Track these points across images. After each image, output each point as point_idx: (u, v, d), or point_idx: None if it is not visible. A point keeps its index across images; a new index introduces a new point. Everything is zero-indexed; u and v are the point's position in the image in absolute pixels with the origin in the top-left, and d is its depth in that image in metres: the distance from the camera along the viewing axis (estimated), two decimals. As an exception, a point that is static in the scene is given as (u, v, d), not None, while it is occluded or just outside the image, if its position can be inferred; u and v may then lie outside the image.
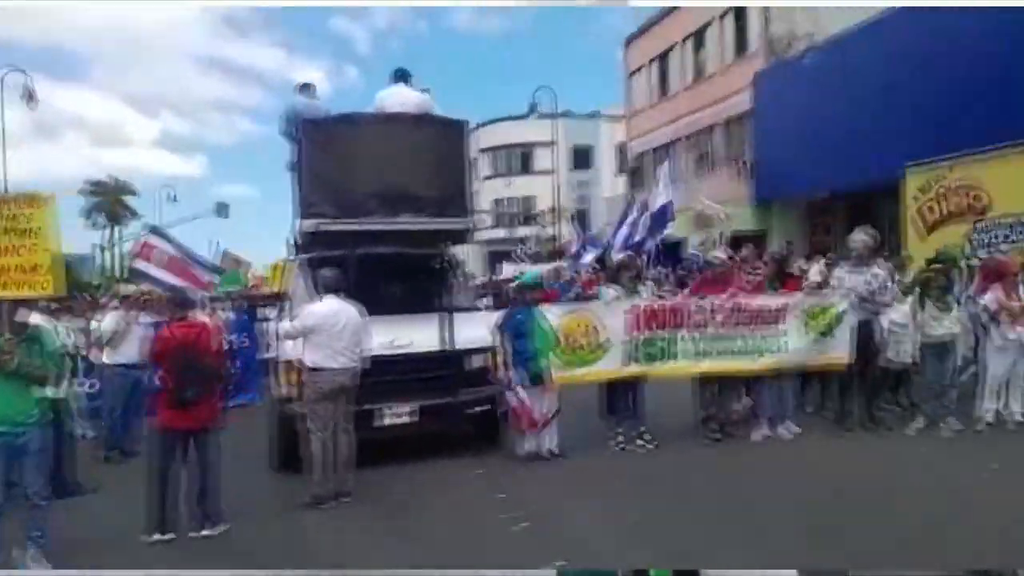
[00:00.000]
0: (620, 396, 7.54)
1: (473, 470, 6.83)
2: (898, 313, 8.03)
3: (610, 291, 7.47)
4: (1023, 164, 12.38)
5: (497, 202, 51.34)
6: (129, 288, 8.93)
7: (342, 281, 6.18)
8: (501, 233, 46.50)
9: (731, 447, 7.35)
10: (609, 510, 5.69)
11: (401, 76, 8.19)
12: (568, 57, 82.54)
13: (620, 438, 7.41)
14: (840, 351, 7.59)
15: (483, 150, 52.29)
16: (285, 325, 6.32)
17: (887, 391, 8.44)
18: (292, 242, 8.37)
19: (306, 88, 8.36)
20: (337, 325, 5.94)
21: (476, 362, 7.30)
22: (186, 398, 5.23)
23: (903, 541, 4.73)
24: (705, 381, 7.66)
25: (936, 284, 7.51)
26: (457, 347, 7.12)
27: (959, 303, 7.67)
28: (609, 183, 44.80)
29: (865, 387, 7.82)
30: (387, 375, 6.92)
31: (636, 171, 30.54)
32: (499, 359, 7.09)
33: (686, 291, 8.24)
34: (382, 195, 7.06)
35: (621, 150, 38.06)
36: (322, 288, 6.21)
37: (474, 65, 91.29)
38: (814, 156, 19.39)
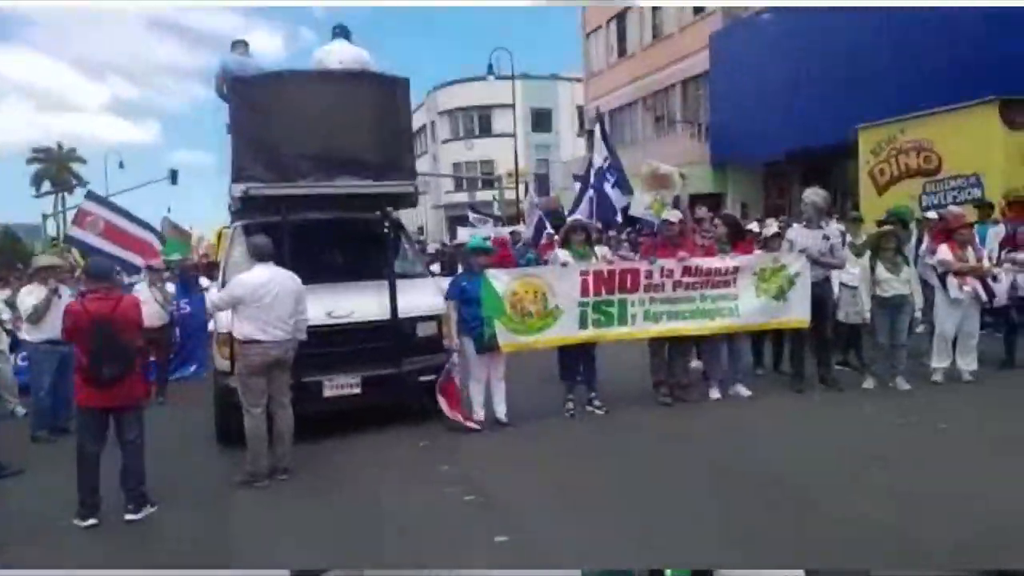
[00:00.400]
0: (572, 362, 7.37)
1: (418, 442, 6.61)
2: (850, 274, 7.99)
3: (561, 255, 7.23)
4: (972, 124, 12.47)
5: (456, 165, 50.62)
6: (43, 260, 8.43)
7: (273, 249, 5.83)
8: (462, 197, 45.94)
9: (682, 411, 7.24)
10: (555, 480, 5.53)
11: (341, 32, 7.77)
12: (527, 18, 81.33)
13: (571, 404, 7.26)
14: (795, 313, 7.51)
15: (441, 113, 51.51)
16: (213, 295, 5.98)
17: (839, 352, 8.44)
18: (230, 208, 7.98)
19: (238, 45, 7.90)
20: (268, 295, 5.61)
21: (423, 330, 7.05)
22: (102, 376, 4.88)
23: (855, 503, 4.65)
24: (656, 345, 7.51)
25: (888, 244, 7.44)
26: (402, 315, 6.86)
27: (910, 263, 7.61)
28: (570, 146, 44.45)
29: (818, 348, 7.76)
30: (328, 346, 6.69)
31: (592, 134, 30.20)
32: (447, 327, 6.86)
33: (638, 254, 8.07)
34: (317, 157, 6.68)
35: (581, 112, 37.65)
36: (252, 256, 5.86)
37: (431, 27, 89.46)
38: (770, 117, 19.35)
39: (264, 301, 5.59)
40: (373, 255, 7.14)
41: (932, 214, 10.06)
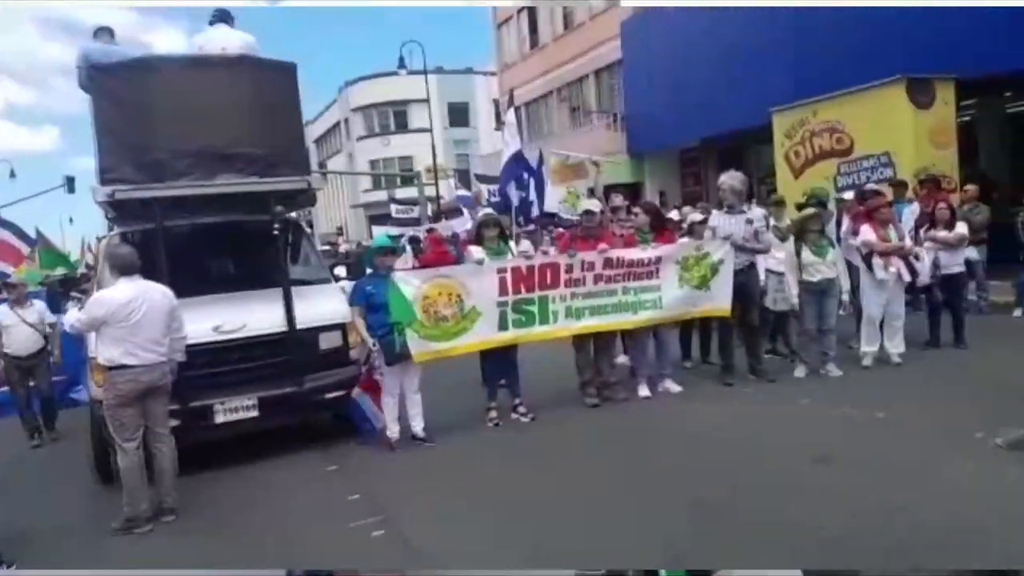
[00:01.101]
0: (493, 367, 6.85)
1: (325, 466, 5.97)
2: (775, 259, 7.75)
3: (475, 253, 6.68)
4: (881, 103, 12.55)
5: (374, 163, 49.46)
6: None
7: (137, 260, 5.06)
8: (381, 195, 44.82)
9: (611, 412, 6.82)
10: (477, 503, 4.99)
11: (221, 16, 7.00)
12: (439, 11, 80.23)
13: (494, 413, 6.74)
14: (719, 301, 7.20)
15: (355, 109, 50.25)
16: (71, 317, 5.18)
17: (768, 339, 8.21)
18: (107, 215, 7.12)
19: (102, 33, 6.99)
20: (135, 314, 4.86)
21: (327, 342, 6.39)
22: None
23: (799, 502, 4.29)
24: (580, 343, 7.07)
25: (812, 227, 7.20)
26: (300, 326, 6.20)
27: (835, 245, 7.39)
28: (488, 140, 43.95)
29: (746, 337, 7.48)
30: (218, 365, 6.00)
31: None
32: (354, 335, 6.24)
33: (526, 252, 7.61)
34: (194, 153, 5.94)
35: (498, 106, 37.15)
36: (114, 270, 5.09)
37: (342, 21, 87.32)
38: (683, 104, 19.27)
39: (130, 321, 4.84)
40: (267, 261, 6.42)
41: (848, 194, 9.96)
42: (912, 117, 12.11)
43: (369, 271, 6.53)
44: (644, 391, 7.17)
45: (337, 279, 7.36)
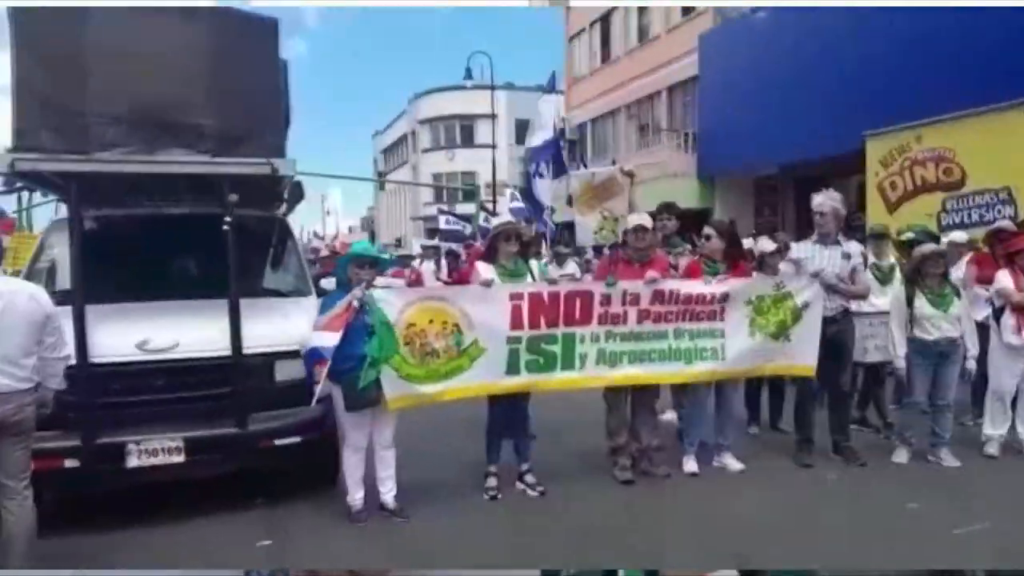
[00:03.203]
0: (498, 420, 5.30)
1: (254, 538, 4.51)
2: (872, 306, 6.06)
3: (483, 271, 5.18)
4: (1002, 129, 10.59)
5: (437, 176, 48.88)
6: None
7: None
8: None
9: (646, 492, 5.21)
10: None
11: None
12: (511, 27, 79.63)
13: (493, 481, 5.20)
14: (802, 356, 5.53)
15: (422, 121, 49.84)
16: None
17: (854, 405, 6.46)
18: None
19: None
20: (-20, 323, 3.54)
21: (284, 372, 4.96)
22: None
23: None
24: (614, 397, 5.49)
25: (933, 269, 5.47)
26: (249, 350, 4.81)
27: (961, 294, 5.62)
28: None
29: (833, 406, 5.77)
30: (138, 392, 4.68)
31: (574, 144, 28.32)
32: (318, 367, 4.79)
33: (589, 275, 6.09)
34: (130, 120, 4.62)
35: (562, 127, 35.96)
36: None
37: (412, 35, 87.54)
38: (763, 126, 17.46)
39: (-26, 332, 3.52)
40: (215, 263, 5.03)
41: (959, 235, 8.07)
42: (1040, 147, 10.11)
43: (330, 285, 5.08)
44: (692, 465, 5.54)
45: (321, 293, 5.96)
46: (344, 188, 65.73)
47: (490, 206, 31.18)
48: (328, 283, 6.23)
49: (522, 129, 48.10)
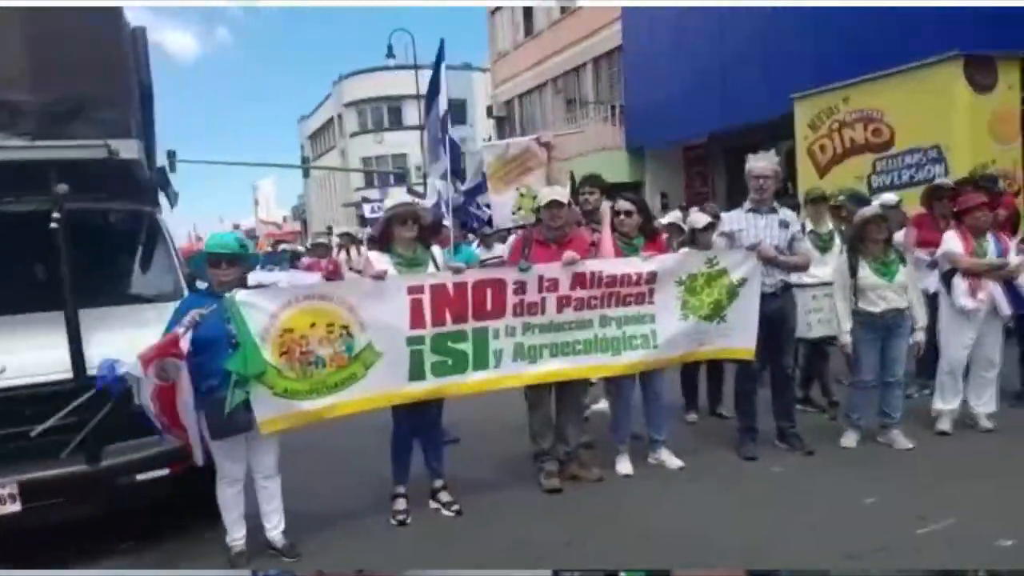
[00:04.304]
0: (404, 433, 4.60)
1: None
2: (813, 276, 5.57)
3: (375, 260, 4.46)
4: (931, 87, 10.31)
5: (366, 160, 47.56)
6: None
7: None
8: (374, 193, 42.73)
9: (576, 500, 4.61)
10: None
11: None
12: (433, 3, 77.87)
13: (401, 504, 4.51)
14: (740, 338, 4.99)
15: (348, 104, 48.28)
16: None
17: (797, 386, 6.00)
18: None
19: None
20: None
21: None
22: None
23: None
24: (536, 396, 4.86)
25: (875, 235, 4.98)
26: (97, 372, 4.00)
27: (906, 261, 5.16)
28: (487, 138, 41.85)
29: (776, 389, 5.26)
30: (-49, 432, 3.80)
31: (502, 120, 27.60)
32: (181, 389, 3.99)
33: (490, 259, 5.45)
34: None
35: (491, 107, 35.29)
36: None
37: (334, 15, 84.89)
38: (688, 94, 17.09)
39: None
40: (45, 268, 4.22)
41: (890, 197, 7.68)
42: (969, 103, 9.87)
43: (202, 286, 4.28)
44: (625, 466, 4.98)
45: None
46: (276, 177, 63.53)
47: (420, 189, 30.28)
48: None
49: (452, 110, 47.19)
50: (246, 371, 3.81)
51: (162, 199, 5.84)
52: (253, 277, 9.29)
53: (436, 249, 4.70)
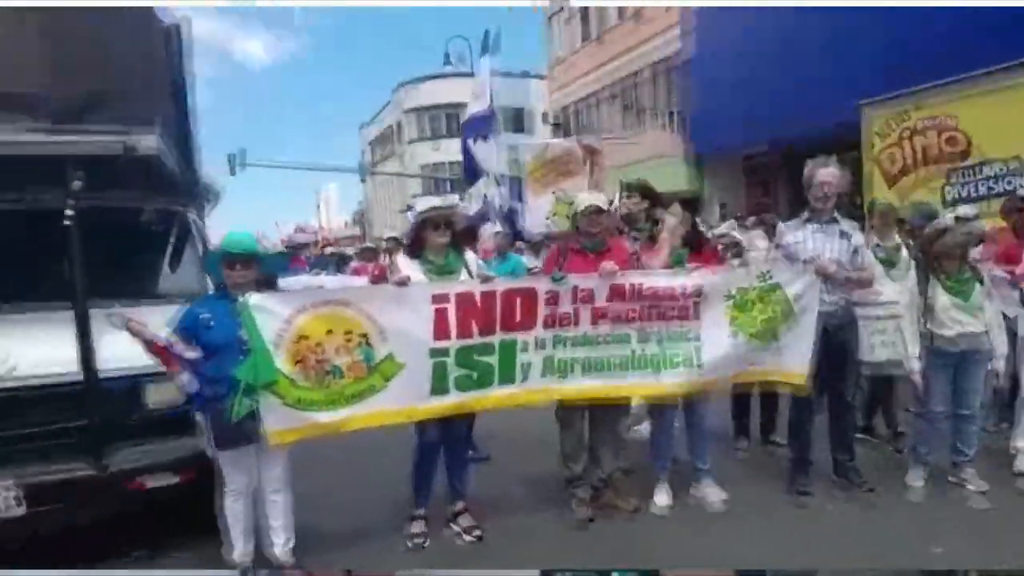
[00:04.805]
0: (426, 452, 4.31)
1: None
2: (878, 295, 5.09)
3: (402, 265, 4.21)
4: (1012, 94, 9.66)
5: (424, 167, 47.88)
6: None
7: None
8: (435, 201, 42.75)
9: (608, 534, 4.26)
10: None
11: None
12: (492, 11, 78.11)
13: (419, 527, 4.23)
14: (793, 362, 4.54)
15: (408, 111, 48.75)
16: None
17: (860, 413, 5.51)
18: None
19: None
20: None
21: (159, 395, 4.02)
22: None
23: None
24: (567, 416, 4.53)
25: (951, 251, 4.50)
26: (110, 371, 3.86)
27: (985, 282, 4.64)
28: (537, 145, 41.54)
29: (835, 420, 4.79)
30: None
31: (558, 127, 27.27)
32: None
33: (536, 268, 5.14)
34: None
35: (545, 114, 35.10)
36: None
37: (394, 22, 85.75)
38: (751, 100, 16.50)
39: None
40: (53, 262, 4.07)
41: (967, 209, 7.05)
42: (1057, 112, 9.14)
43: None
44: (663, 497, 4.59)
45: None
46: (340, 183, 64.65)
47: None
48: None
49: (509, 117, 47.15)
50: (256, 380, 3.60)
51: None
52: (298, 281, 9.27)
53: (470, 256, 4.43)
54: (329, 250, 14.11)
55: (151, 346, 3.49)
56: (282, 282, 9.76)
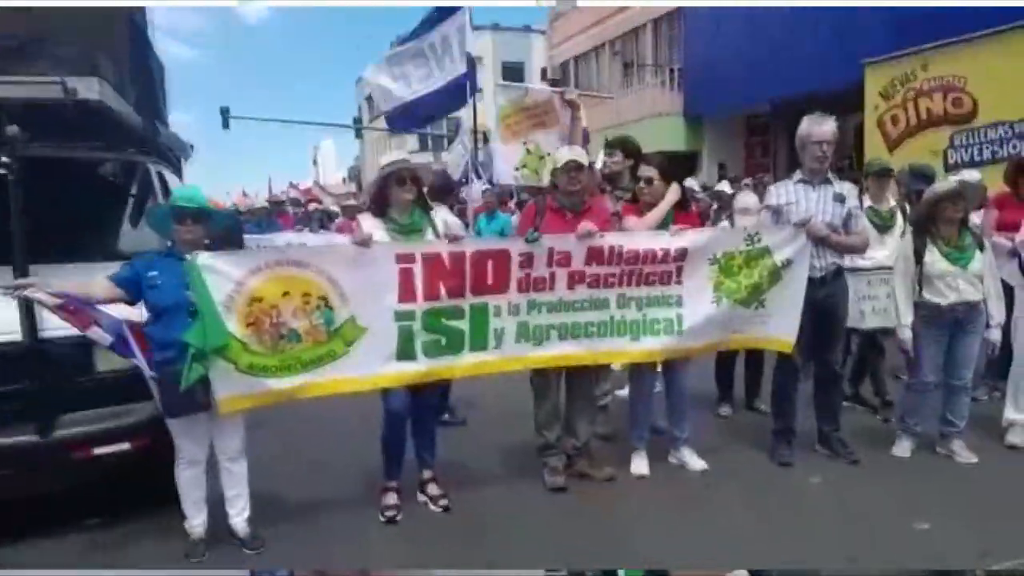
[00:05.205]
0: (395, 420, 4.09)
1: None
2: (869, 259, 4.90)
3: (364, 225, 3.97)
4: (1020, 54, 9.32)
5: (419, 122, 46.97)
6: None
7: None
8: (428, 157, 42.36)
9: (581, 502, 4.10)
10: None
11: None
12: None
13: (391, 498, 4.03)
14: (779, 328, 4.35)
15: (402, 65, 47.75)
16: None
17: (846, 382, 5.33)
18: None
19: None
20: None
21: (112, 358, 3.81)
22: None
23: None
24: (542, 382, 4.34)
25: (951, 214, 4.26)
26: (57, 332, 3.65)
27: (985, 247, 4.42)
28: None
29: (821, 387, 4.61)
30: None
31: (556, 83, 26.68)
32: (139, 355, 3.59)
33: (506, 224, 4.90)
34: None
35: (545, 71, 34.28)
36: None
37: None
38: (752, 58, 16.03)
39: None
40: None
41: (971, 174, 6.77)
42: (1066, 72, 8.84)
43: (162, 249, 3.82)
44: (640, 466, 4.43)
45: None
46: (337, 139, 63.72)
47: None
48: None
49: (509, 72, 46.21)
50: (205, 344, 3.38)
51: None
52: (283, 238, 8.97)
53: (441, 213, 4.18)
54: (313, 207, 13.82)
55: (57, 309, 3.28)
56: (264, 238, 9.51)
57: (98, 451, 3.75)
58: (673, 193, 4.28)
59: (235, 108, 26.38)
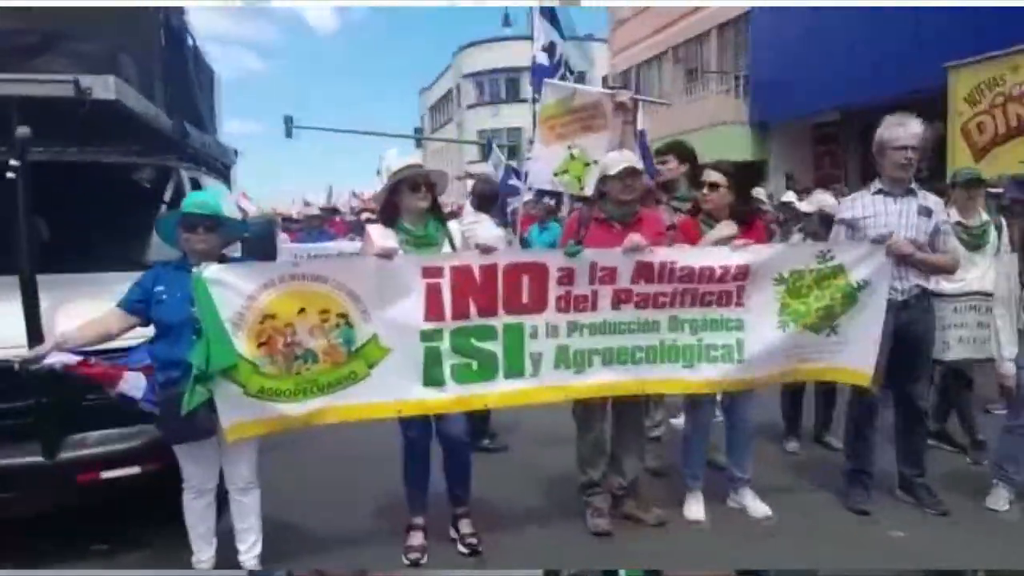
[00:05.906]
0: (416, 452, 3.74)
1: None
2: (959, 282, 4.33)
3: (376, 235, 3.59)
4: None
5: (482, 133, 47.17)
6: None
7: None
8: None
9: (629, 548, 3.67)
10: None
11: None
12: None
13: (417, 539, 3.67)
14: (855, 357, 3.84)
15: (466, 75, 47.98)
16: None
17: (932, 415, 4.74)
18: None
19: None
20: None
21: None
22: None
23: None
24: (585, 415, 3.92)
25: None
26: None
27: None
28: (606, 112, 40.40)
29: (905, 425, 4.07)
30: None
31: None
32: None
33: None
34: None
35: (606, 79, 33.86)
36: None
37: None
38: (821, 64, 15.29)
39: None
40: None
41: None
42: None
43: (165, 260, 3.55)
44: (695, 509, 3.97)
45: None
46: (401, 149, 64.16)
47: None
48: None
49: (574, 80, 45.91)
50: (208, 365, 3.08)
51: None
52: (333, 246, 8.74)
53: (454, 225, 3.83)
54: (365, 215, 13.74)
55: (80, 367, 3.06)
56: (314, 247, 9.30)
57: (106, 474, 3.52)
58: (728, 228, 3.80)
59: (303, 118, 26.76)
